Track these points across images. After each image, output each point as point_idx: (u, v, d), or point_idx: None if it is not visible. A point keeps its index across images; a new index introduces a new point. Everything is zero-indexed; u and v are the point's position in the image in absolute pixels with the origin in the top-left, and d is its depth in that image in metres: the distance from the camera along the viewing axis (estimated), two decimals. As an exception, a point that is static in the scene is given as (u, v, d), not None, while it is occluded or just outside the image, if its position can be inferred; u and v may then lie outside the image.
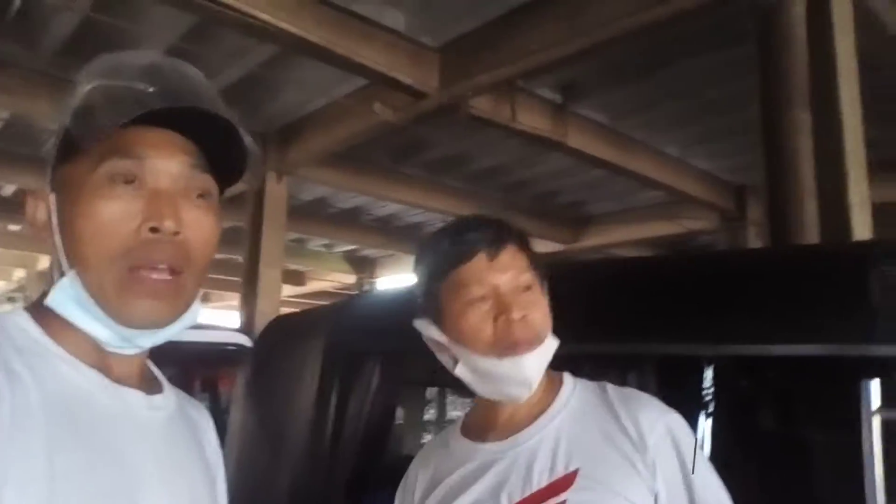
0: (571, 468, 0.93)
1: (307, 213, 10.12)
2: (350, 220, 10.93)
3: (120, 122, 0.67)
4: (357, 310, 1.95)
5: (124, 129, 0.69)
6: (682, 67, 5.53)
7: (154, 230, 0.70)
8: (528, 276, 0.99)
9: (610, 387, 1.02)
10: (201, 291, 0.78)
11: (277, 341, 2.17)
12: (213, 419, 0.92)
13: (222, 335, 3.99)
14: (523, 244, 1.02)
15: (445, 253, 1.00)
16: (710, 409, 1.13)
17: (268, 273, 6.70)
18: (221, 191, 0.80)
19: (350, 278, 14.44)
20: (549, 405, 1.01)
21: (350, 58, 4.86)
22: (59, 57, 5.27)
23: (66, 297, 0.72)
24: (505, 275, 0.97)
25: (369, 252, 13.65)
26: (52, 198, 0.74)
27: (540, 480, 0.94)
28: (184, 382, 3.91)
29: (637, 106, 6.49)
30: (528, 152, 7.68)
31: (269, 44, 5.03)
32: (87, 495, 0.65)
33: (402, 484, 1.14)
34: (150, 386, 0.80)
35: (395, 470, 1.18)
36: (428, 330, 1.03)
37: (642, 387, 1.12)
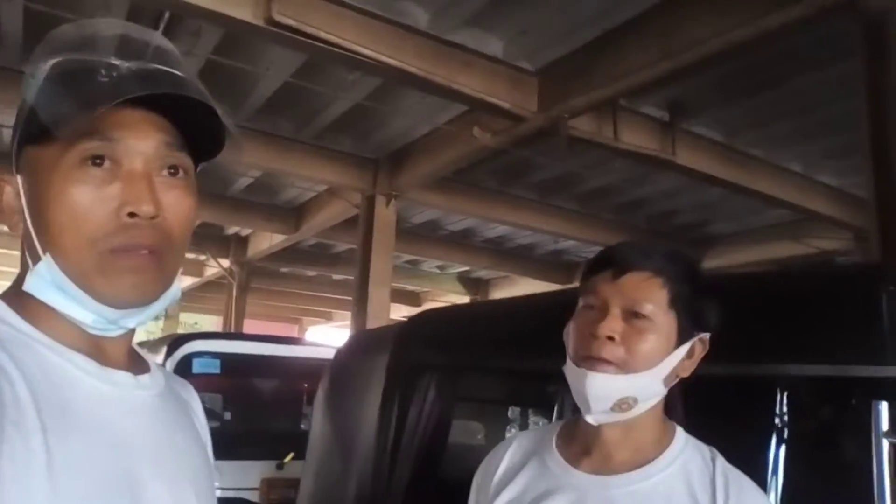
0: None
1: (419, 236, 10.42)
2: (461, 242, 11.13)
3: (100, 108, 0.64)
4: (418, 327, 2.05)
5: (95, 110, 0.65)
6: (796, 83, 5.29)
7: (132, 215, 0.67)
8: (649, 307, 0.95)
9: (720, 461, 0.96)
10: (180, 270, 0.77)
11: (351, 356, 2.31)
12: None
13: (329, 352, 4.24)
14: (670, 279, 0.97)
15: (590, 263, 1.04)
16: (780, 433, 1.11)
17: (377, 293, 6.98)
18: (196, 165, 0.77)
19: (464, 299, 14.65)
20: (654, 458, 0.97)
21: (449, 86, 5.03)
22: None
23: (44, 282, 0.70)
24: (621, 295, 0.96)
25: (482, 273, 13.79)
26: (18, 180, 0.72)
27: None
28: (294, 395, 4.19)
29: (753, 122, 6.22)
30: (638, 172, 7.53)
31: (374, 76, 5.30)
32: (89, 480, 0.64)
33: (484, 465, 1.16)
34: (137, 366, 0.78)
35: (467, 485, 1.19)
36: (567, 326, 1.05)
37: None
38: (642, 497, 0.94)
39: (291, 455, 3.40)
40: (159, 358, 3.94)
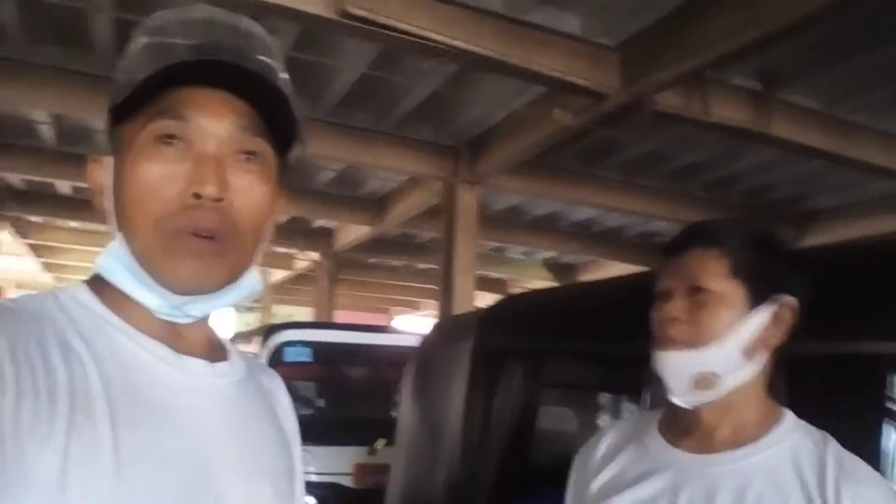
0: None
1: (503, 222, 10.35)
2: (547, 227, 10.97)
3: (147, 74, 0.64)
4: (502, 311, 2.01)
5: (174, 90, 0.67)
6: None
7: (197, 196, 0.66)
8: (708, 280, 0.96)
9: (834, 444, 0.93)
10: (253, 262, 0.74)
11: (436, 343, 2.30)
12: None
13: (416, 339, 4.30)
14: (724, 248, 0.98)
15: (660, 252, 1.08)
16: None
17: (462, 281, 6.98)
18: (281, 156, 0.75)
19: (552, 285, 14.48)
20: (759, 437, 0.96)
21: (527, 67, 4.94)
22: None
23: (114, 262, 0.70)
24: (682, 274, 0.99)
25: (570, 258, 13.57)
26: (109, 160, 0.72)
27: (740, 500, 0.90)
28: (385, 382, 4.26)
29: (855, 87, 5.79)
30: (730, 146, 7.19)
31: (450, 63, 5.27)
32: (156, 468, 0.64)
33: (583, 450, 1.18)
34: (215, 354, 0.77)
35: (556, 471, 1.20)
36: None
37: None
38: (744, 475, 0.92)
39: (383, 441, 3.45)
40: (254, 347, 4.09)
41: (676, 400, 0.99)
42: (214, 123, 0.68)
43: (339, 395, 4.34)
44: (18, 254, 14.05)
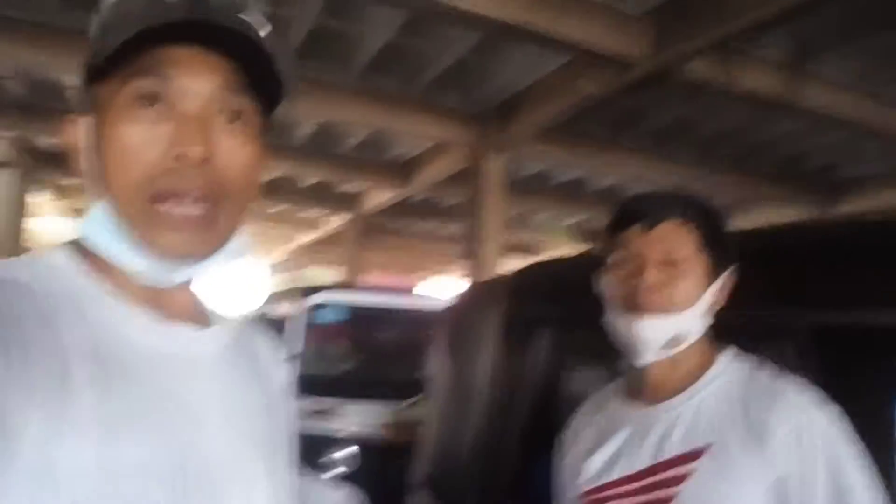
0: (703, 442, 1.00)
1: (529, 188, 10.35)
2: (573, 193, 10.95)
3: (130, 33, 0.60)
4: (531, 277, 2.06)
5: (153, 48, 0.62)
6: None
7: (181, 157, 0.63)
8: (682, 252, 1.03)
9: (765, 370, 1.04)
10: (241, 222, 0.72)
11: (468, 306, 2.37)
12: None
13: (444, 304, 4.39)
14: (696, 221, 1.05)
15: (617, 216, 1.11)
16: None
17: (488, 246, 7.06)
18: (267, 113, 0.73)
19: (579, 250, 14.42)
20: (698, 378, 1.06)
21: (552, 35, 4.94)
22: (300, 59, 6.06)
23: (98, 227, 0.67)
24: (653, 246, 1.04)
25: (596, 224, 13.53)
26: (85, 120, 0.69)
27: (671, 449, 1.02)
28: (415, 343, 4.39)
29: (888, 57, 5.66)
30: (759, 115, 7.10)
31: (476, 30, 5.28)
32: (141, 436, 0.62)
33: (563, 432, 1.27)
34: (202, 319, 0.75)
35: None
36: (596, 282, 1.14)
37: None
38: (692, 413, 1.04)
39: (412, 399, 3.57)
40: (289, 307, 4.23)
41: (645, 359, 1.06)
42: (197, 82, 0.65)
43: (372, 355, 4.48)
44: (58, 215, 14.40)
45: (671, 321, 1.03)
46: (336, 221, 13.03)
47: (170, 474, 0.63)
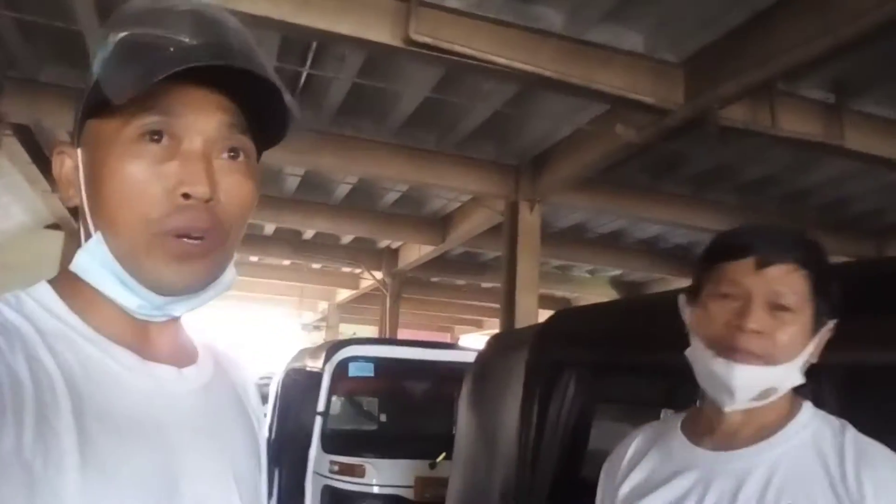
0: (784, 501, 0.92)
1: (568, 240, 10.30)
2: (612, 244, 10.85)
3: (159, 76, 0.60)
4: (558, 325, 2.04)
5: (158, 84, 0.62)
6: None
7: (186, 196, 0.65)
8: (794, 299, 0.95)
9: (851, 431, 0.95)
10: (234, 258, 0.74)
11: (493, 355, 2.35)
12: None
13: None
14: (812, 268, 0.97)
15: (721, 245, 1.03)
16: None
17: (524, 299, 6.99)
18: (261, 151, 0.74)
19: (617, 303, 14.21)
20: (778, 430, 0.98)
21: (588, 86, 4.96)
22: (339, 117, 6.21)
23: (92, 261, 0.67)
24: (765, 286, 0.95)
25: (636, 276, 13.35)
26: (78, 153, 0.69)
27: (746, 502, 0.94)
28: (445, 397, 4.31)
29: (933, 94, 5.55)
30: (803, 159, 6.98)
31: (512, 84, 5.34)
32: (122, 479, 0.62)
33: (612, 454, 1.19)
34: (184, 357, 0.76)
35: None
36: (683, 307, 1.06)
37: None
38: (768, 466, 0.95)
39: (443, 455, 3.49)
40: (318, 363, 4.21)
41: (732, 407, 0.98)
42: (203, 120, 0.66)
43: (400, 410, 4.42)
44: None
45: (769, 372, 0.94)
46: (373, 277, 13.12)
47: None
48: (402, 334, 13.29)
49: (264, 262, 13.50)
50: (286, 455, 4.42)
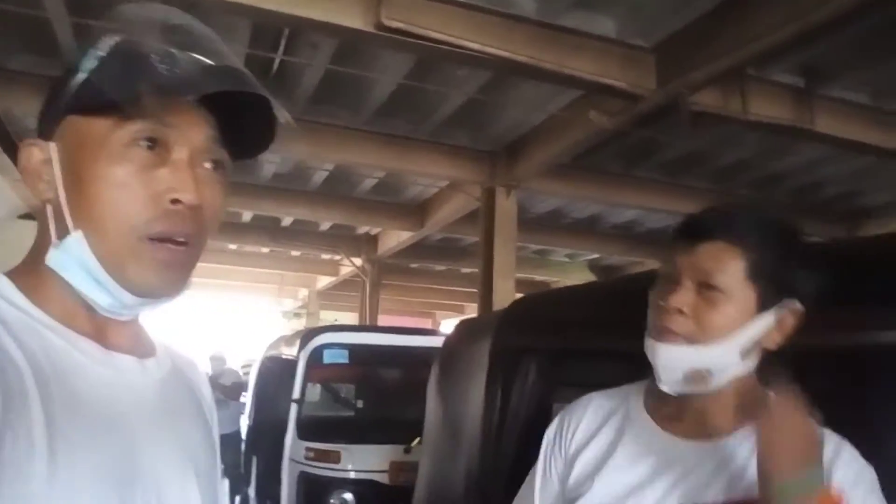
0: (747, 495, 0.90)
1: (545, 225, 10.34)
2: (589, 229, 10.91)
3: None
4: (520, 311, 2.07)
5: (154, 94, 0.65)
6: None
7: (175, 202, 0.67)
8: (723, 279, 0.92)
9: (844, 450, 0.92)
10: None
11: (459, 342, 2.37)
12: None
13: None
14: (748, 248, 0.93)
15: (673, 230, 1.03)
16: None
17: (502, 284, 7.02)
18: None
19: (596, 288, 14.30)
20: (743, 423, 0.95)
21: (561, 71, 4.96)
22: (313, 104, 6.17)
23: (69, 259, 0.68)
24: (695, 266, 0.94)
25: (613, 260, 13.45)
26: (52, 146, 0.70)
27: (712, 496, 0.93)
28: (419, 382, 4.33)
29: (906, 81, 5.63)
30: (775, 144, 7.05)
31: (485, 69, 5.34)
32: (89, 467, 0.63)
33: (557, 423, 1.16)
34: (143, 349, 0.78)
35: None
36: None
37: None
38: (738, 462, 0.94)
39: (418, 440, 3.53)
40: (293, 350, 4.22)
41: (664, 388, 0.98)
42: (193, 132, 0.70)
43: (375, 396, 4.45)
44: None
45: (691, 352, 0.92)
46: (352, 264, 13.10)
47: (114, 499, 0.65)
48: (384, 320, 13.30)
49: (243, 251, 13.41)
50: (263, 442, 4.44)
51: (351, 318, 15.54)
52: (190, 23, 0.71)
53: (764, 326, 0.94)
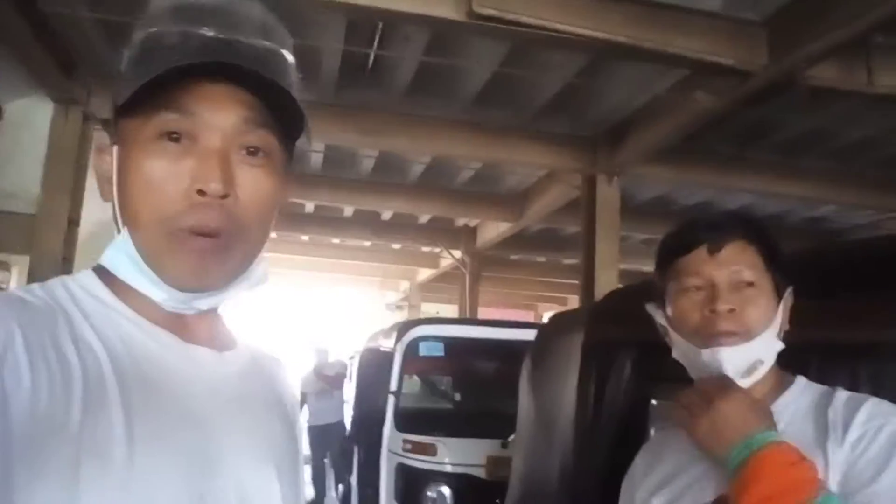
0: None
1: (652, 213, 9.95)
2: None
3: (161, 69, 0.62)
4: (612, 304, 1.97)
5: (179, 84, 0.64)
6: None
7: (201, 192, 0.66)
8: (752, 273, 1.01)
9: (840, 393, 0.99)
10: (262, 254, 0.75)
11: (551, 336, 2.30)
12: None
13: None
14: (759, 241, 1.05)
15: (671, 243, 1.10)
16: None
17: (604, 275, 6.80)
18: (289, 147, 0.75)
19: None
20: (772, 402, 1.02)
21: (664, 50, 4.73)
22: (408, 97, 6.20)
23: (120, 256, 0.69)
24: (724, 269, 1.01)
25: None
26: (114, 150, 0.71)
27: None
28: (517, 376, 4.27)
29: None
30: (907, 118, 6.44)
31: (583, 52, 5.17)
32: (166, 454, 0.63)
33: (632, 464, 1.24)
34: (222, 342, 0.78)
35: None
36: (655, 313, 1.13)
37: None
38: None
39: (513, 434, 3.47)
40: (390, 342, 4.26)
41: None
42: (219, 117, 0.67)
43: (471, 389, 4.42)
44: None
45: (751, 347, 0.99)
46: (453, 256, 13.17)
47: (193, 495, 0.64)
48: (484, 313, 13.30)
49: (346, 244, 13.77)
50: (364, 433, 4.52)
51: (452, 310, 15.64)
52: (216, 3, 0.68)
53: (783, 312, 1.04)
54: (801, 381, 1.05)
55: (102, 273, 0.72)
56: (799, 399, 1.01)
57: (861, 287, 1.17)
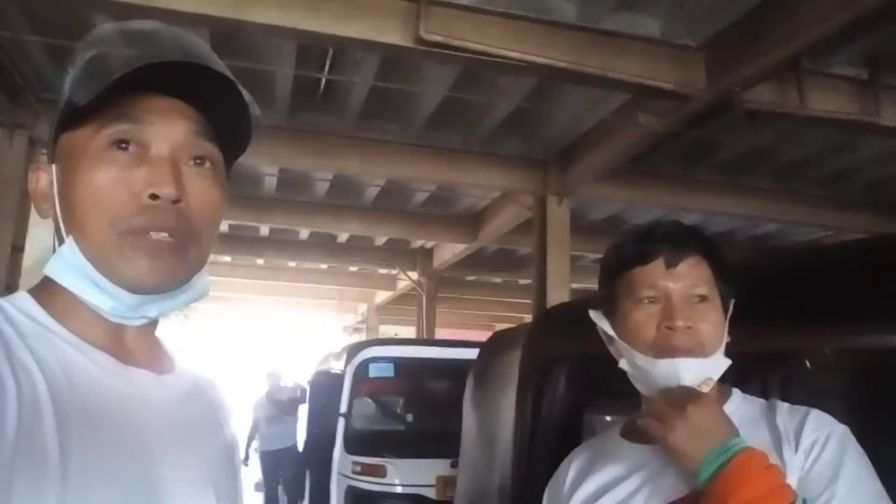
0: None
1: (602, 233, 10.14)
2: (649, 235, 10.63)
3: (113, 77, 0.63)
4: (549, 321, 2.02)
5: (127, 97, 0.67)
6: None
7: (154, 197, 0.67)
8: (705, 288, 1.01)
9: (781, 404, 1.00)
10: (207, 265, 0.75)
11: (492, 354, 2.33)
12: None
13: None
14: (711, 256, 1.04)
15: (626, 253, 1.06)
16: None
17: (556, 294, 6.90)
18: (230, 161, 0.78)
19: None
20: None
21: (605, 75, 4.88)
22: (362, 121, 6.25)
23: (65, 265, 0.69)
24: (680, 283, 1.00)
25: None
26: (53, 168, 0.72)
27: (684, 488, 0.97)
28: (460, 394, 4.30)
29: (975, 63, 5.28)
30: (843, 138, 6.74)
31: (529, 77, 5.29)
32: (103, 480, 0.62)
33: (553, 476, 1.24)
34: (162, 364, 0.77)
35: None
36: (601, 321, 1.10)
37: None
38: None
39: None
40: (341, 364, 4.25)
41: None
42: (170, 127, 0.70)
43: (421, 409, 4.42)
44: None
45: (706, 363, 0.98)
46: (409, 278, 13.18)
47: None
48: (442, 334, 13.30)
49: (303, 267, 13.68)
50: (316, 456, 4.47)
51: (410, 332, 15.60)
52: (156, 27, 0.72)
53: (725, 324, 1.03)
54: (737, 392, 1.06)
55: (39, 294, 0.71)
56: (741, 408, 1.02)
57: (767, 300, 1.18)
